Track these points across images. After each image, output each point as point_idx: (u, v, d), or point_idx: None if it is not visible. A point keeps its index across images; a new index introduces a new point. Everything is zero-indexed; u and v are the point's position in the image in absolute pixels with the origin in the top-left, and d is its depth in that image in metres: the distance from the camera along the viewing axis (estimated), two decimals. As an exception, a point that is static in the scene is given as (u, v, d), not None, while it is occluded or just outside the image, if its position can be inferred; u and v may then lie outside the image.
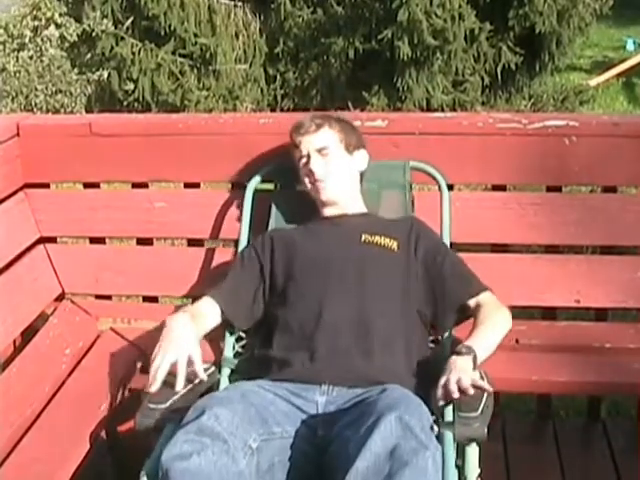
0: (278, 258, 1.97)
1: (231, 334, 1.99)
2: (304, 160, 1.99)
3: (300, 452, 1.61)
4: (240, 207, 2.19)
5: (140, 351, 2.20)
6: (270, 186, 2.22)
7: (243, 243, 2.15)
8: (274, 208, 2.17)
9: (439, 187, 2.11)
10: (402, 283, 1.90)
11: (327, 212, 2.02)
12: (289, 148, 2.06)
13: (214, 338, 2.15)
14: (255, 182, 2.19)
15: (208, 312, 1.92)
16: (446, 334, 1.93)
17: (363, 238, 1.95)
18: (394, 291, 1.88)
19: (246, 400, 1.60)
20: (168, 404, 1.66)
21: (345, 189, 2.02)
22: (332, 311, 1.81)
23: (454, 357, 1.70)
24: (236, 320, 1.95)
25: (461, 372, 1.63)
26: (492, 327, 1.84)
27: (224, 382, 1.89)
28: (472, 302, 1.90)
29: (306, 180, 2.01)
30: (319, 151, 1.97)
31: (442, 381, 1.64)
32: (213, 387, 1.81)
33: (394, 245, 1.94)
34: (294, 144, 2.01)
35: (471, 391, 1.59)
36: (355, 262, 1.91)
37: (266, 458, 1.55)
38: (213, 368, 1.85)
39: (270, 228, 2.14)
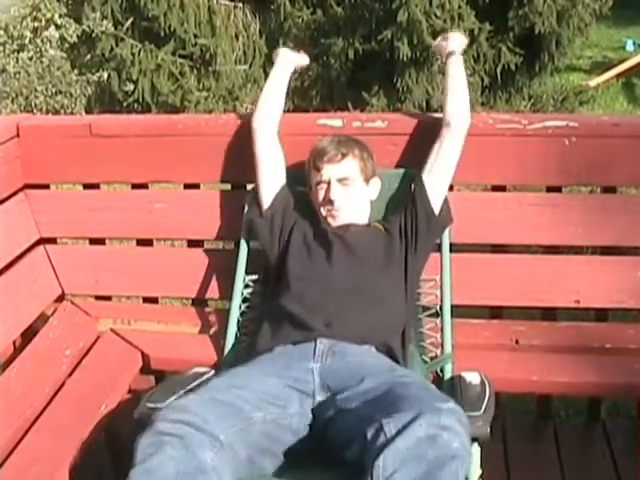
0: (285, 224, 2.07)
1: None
2: (323, 186, 2.01)
3: (289, 430, 1.63)
4: (240, 207, 2.19)
5: (140, 352, 2.20)
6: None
7: (243, 244, 2.15)
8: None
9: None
10: (391, 253, 1.98)
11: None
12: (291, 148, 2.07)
13: (214, 338, 2.16)
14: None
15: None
16: (447, 350, 1.96)
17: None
18: (384, 260, 1.97)
19: (214, 400, 1.58)
20: (166, 404, 1.66)
21: (356, 218, 2.05)
22: (325, 275, 1.93)
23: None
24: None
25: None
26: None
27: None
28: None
29: (321, 206, 2.03)
30: (340, 180, 2.00)
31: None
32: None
33: (381, 227, 2.04)
34: (314, 167, 2.02)
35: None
36: (347, 242, 1.98)
37: (243, 447, 1.54)
38: (212, 372, 1.86)
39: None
